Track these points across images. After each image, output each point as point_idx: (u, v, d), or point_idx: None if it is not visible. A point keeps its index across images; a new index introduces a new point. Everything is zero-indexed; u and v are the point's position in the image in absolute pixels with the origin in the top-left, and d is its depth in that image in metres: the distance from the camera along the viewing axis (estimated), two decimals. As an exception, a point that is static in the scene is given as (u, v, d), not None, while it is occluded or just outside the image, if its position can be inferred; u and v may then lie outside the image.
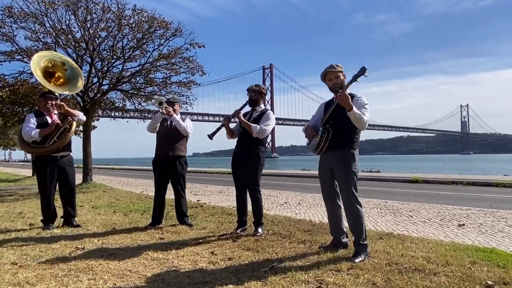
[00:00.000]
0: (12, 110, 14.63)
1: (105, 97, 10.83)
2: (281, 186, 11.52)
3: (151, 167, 4.67)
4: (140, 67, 10.41)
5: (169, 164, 4.46)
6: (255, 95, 4.09)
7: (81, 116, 4.64)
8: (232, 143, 4.19)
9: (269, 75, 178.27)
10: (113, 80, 10.44)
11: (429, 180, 12.75)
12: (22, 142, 4.42)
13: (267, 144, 4.07)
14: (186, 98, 10.91)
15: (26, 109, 14.60)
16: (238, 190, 4.11)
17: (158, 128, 4.52)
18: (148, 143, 4.56)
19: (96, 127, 16.11)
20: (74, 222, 4.63)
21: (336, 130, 3.07)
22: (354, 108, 2.92)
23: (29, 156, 27.96)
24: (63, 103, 4.45)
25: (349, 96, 2.93)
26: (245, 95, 4.12)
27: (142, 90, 10.80)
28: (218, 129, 3.97)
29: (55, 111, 4.46)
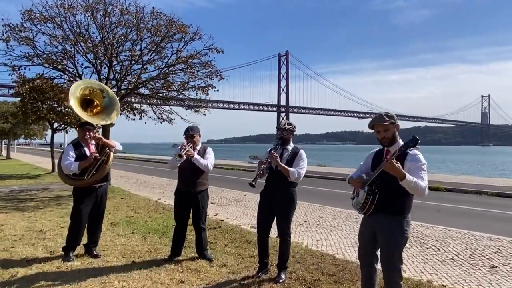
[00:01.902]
0: (32, 107, 14.81)
1: (123, 100, 10.76)
2: (299, 191, 11.35)
3: (166, 157, 4.58)
4: (159, 71, 10.30)
5: (191, 198, 4.39)
6: (287, 134, 3.90)
7: (118, 146, 4.62)
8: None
9: (285, 63, 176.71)
10: (131, 83, 10.36)
11: (451, 188, 12.38)
12: (62, 174, 4.46)
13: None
14: (204, 110, 10.82)
15: (45, 106, 14.76)
16: (261, 233, 3.96)
17: (181, 163, 4.42)
18: (164, 130, 4.40)
19: (114, 124, 16.21)
20: (94, 251, 4.59)
21: (383, 193, 2.73)
22: (408, 176, 2.54)
23: (48, 139, 28.83)
24: (101, 136, 4.42)
25: (399, 165, 2.55)
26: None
27: (160, 94, 10.70)
28: (257, 175, 3.74)
29: (93, 142, 4.43)
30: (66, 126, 16.62)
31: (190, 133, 4.39)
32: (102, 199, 4.62)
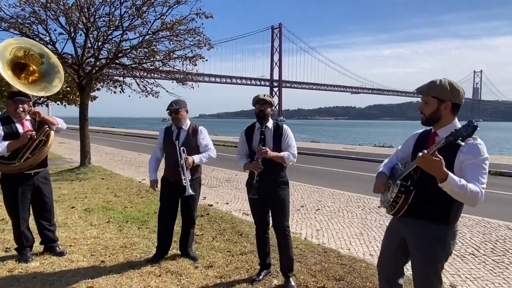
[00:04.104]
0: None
1: (103, 72, 9.80)
2: (293, 170, 10.70)
3: (156, 132, 3.84)
4: (141, 38, 9.30)
5: (182, 189, 3.53)
6: (267, 108, 3.15)
7: (61, 124, 3.75)
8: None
9: (278, 35, 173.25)
10: (111, 52, 9.37)
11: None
12: None
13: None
14: (191, 83, 9.94)
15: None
16: (260, 229, 3.30)
17: (167, 149, 3.68)
18: (154, 104, 3.68)
19: (97, 97, 15.21)
20: (57, 249, 3.87)
21: (422, 191, 2.00)
22: (451, 177, 1.82)
23: None
24: (38, 111, 3.57)
25: (439, 160, 1.82)
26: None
27: (143, 64, 9.74)
28: (255, 183, 3.04)
29: (28, 117, 3.59)
30: (46, 99, 15.54)
31: (174, 107, 3.58)
32: (42, 189, 3.70)
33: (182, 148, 3.50)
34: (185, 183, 3.37)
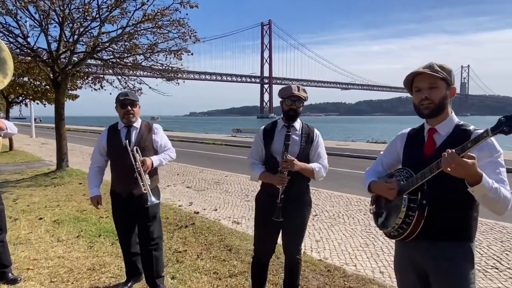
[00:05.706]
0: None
1: (79, 68, 9.08)
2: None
3: None
4: (121, 30, 8.59)
5: (133, 202, 2.89)
6: (300, 105, 2.47)
7: (11, 129, 3.06)
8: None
9: (268, 32, 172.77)
10: (88, 46, 8.64)
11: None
12: None
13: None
14: (174, 79, 9.29)
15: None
16: (261, 255, 2.66)
17: (113, 154, 2.97)
18: (141, 102, 3.05)
19: (78, 96, 14.43)
20: (10, 275, 3.24)
21: (437, 205, 1.55)
22: (485, 179, 1.37)
23: (23, 112, 23.90)
24: None
25: (475, 161, 1.35)
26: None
27: (124, 59, 9.04)
28: (279, 201, 2.40)
29: None
30: (23, 98, 14.72)
31: (131, 97, 2.86)
32: None
33: (135, 148, 2.79)
34: (145, 190, 2.68)
